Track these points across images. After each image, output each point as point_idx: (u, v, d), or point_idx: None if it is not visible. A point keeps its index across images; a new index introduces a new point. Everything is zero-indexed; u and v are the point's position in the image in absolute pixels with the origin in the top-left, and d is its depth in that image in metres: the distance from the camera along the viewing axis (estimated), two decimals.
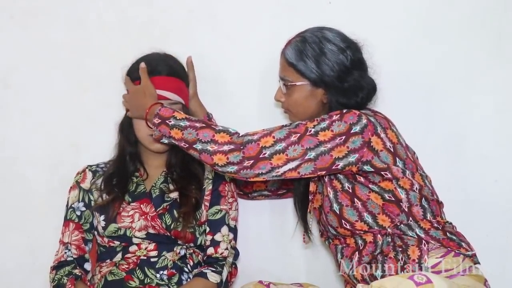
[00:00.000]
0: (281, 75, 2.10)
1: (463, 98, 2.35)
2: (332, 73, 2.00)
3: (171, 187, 2.21)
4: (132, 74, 2.21)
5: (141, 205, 2.17)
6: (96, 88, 2.46)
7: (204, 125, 1.99)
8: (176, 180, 2.21)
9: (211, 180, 2.24)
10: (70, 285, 2.10)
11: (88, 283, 2.15)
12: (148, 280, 2.10)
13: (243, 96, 2.43)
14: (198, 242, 2.19)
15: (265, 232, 2.43)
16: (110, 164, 2.27)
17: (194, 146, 1.97)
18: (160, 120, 2.02)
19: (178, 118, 2.01)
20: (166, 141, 2.03)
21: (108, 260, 2.17)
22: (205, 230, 2.20)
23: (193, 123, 1.99)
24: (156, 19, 2.46)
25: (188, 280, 2.13)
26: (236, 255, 2.22)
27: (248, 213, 2.40)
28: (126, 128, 2.23)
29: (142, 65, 2.17)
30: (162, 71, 2.19)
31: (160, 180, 2.22)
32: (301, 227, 2.23)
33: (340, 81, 2.01)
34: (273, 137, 1.94)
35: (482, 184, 2.32)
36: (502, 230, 2.33)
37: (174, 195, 2.19)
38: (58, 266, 2.16)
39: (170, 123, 2.00)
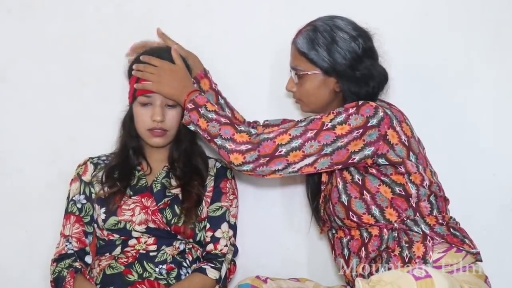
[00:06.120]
0: (293, 64, 2.07)
1: (461, 92, 2.35)
2: (344, 61, 1.99)
3: (173, 182, 2.21)
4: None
5: (142, 199, 2.17)
6: (94, 81, 2.46)
7: (228, 122, 1.98)
8: (179, 176, 2.20)
9: (212, 177, 2.25)
10: (70, 278, 2.09)
11: (88, 276, 2.15)
12: (147, 274, 2.10)
13: (241, 90, 2.43)
14: (198, 238, 2.19)
15: (263, 228, 2.43)
16: (113, 157, 2.26)
17: (215, 140, 1.98)
18: (193, 106, 2.02)
19: (208, 109, 2.01)
20: (192, 128, 2.04)
21: (107, 254, 2.17)
22: (205, 226, 2.21)
23: (219, 117, 1.99)
24: (154, 13, 2.45)
25: (187, 275, 2.13)
26: (235, 252, 2.22)
27: (246, 209, 2.39)
28: (128, 122, 2.22)
29: (174, 46, 2.19)
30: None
31: (162, 174, 2.22)
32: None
33: (352, 70, 1.99)
34: (289, 134, 1.93)
35: (480, 178, 2.33)
36: (499, 224, 2.34)
37: (176, 190, 2.19)
38: (58, 258, 2.16)
39: (200, 112, 2.01)
